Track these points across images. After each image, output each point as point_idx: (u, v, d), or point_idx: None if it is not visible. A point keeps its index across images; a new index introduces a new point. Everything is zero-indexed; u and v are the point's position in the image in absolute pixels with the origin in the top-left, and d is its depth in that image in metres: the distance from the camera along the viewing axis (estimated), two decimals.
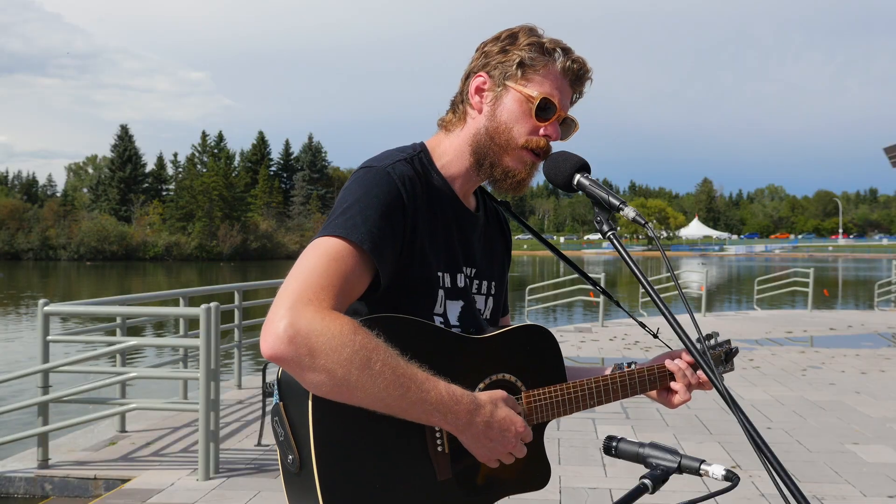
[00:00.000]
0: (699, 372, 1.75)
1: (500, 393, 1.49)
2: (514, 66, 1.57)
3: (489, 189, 1.76)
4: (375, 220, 1.43)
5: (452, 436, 1.49)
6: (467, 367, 1.52)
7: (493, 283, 1.75)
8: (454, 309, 1.62)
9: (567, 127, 1.64)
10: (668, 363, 1.75)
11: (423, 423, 1.40)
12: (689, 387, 1.75)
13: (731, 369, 1.93)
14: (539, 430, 1.65)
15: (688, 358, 1.76)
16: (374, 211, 1.44)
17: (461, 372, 1.50)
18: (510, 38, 1.60)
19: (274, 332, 1.29)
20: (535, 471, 1.65)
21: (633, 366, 1.75)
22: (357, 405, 1.34)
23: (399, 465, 1.44)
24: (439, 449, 1.48)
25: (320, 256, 1.39)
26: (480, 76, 1.60)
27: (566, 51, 1.60)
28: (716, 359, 1.88)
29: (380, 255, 1.43)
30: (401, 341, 1.38)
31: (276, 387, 1.46)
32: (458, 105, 1.65)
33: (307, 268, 1.37)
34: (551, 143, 1.60)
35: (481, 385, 1.55)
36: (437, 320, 1.58)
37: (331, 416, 1.37)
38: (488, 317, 1.73)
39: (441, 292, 1.58)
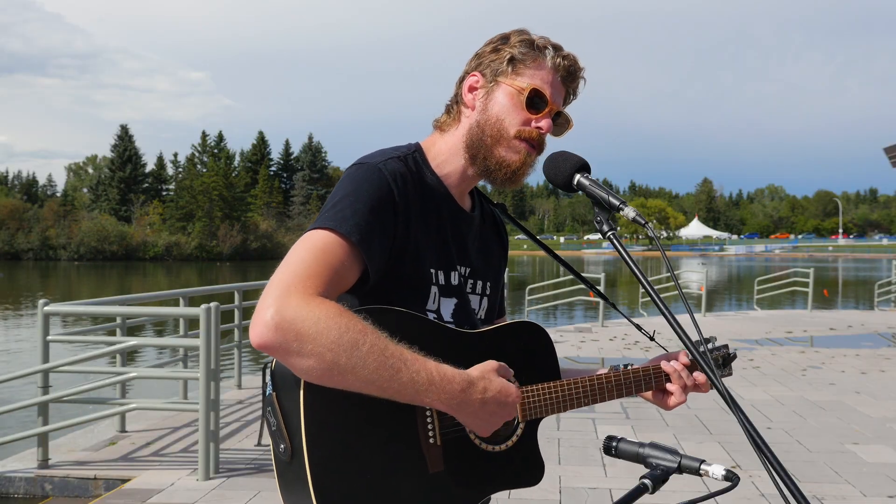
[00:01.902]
0: (696, 374, 1.74)
1: (491, 364, 1.49)
2: (505, 63, 1.59)
3: (487, 188, 1.77)
4: (364, 214, 1.44)
5: (445, 429, 1.50)
6: (459, 361, 1.52)
7: (489, 284, 1.76)
8: (448, 306, 1.63)
9: (560, 124, 1.65)
10: (665, 364, 1.75)
11: (416, 403, 1.40)
12: (685, 389, 1.74)
13: (729, 374, 1.90)
14: (532, 426, 1.65)
15: (684, 360, 1.75)
16: (363, 205, 1.45)
17: (453, 365, 1.50)
18: (502, 40, 1.62)
19: (261, 320, 1.30)
20: (529, 467, 1.65)
21: (629, 367, 1.75)
22: (349, 389, 1.34)
23: (390, 457, 1.44)
24: (431, 441, 1.48)
25: (308, 248, 1.40)
26: (474, 76, 1.63)
27: (556, 48, 1.62)
28: (712, 362, 1.87)
29: (368, 247, 1.44)
30: (392, 332, 1.38)
31: (269, 377, 1.46)
32: (453, 106, 1.67)
33: (295, 259, 1.38)
34: (544, 138, 1.61)
35: None
36: (431, 316, 1.58)
37: (322, 403, 1.37)
38: (483, 317, 1.74)
39: (434, 289, 1.59)
